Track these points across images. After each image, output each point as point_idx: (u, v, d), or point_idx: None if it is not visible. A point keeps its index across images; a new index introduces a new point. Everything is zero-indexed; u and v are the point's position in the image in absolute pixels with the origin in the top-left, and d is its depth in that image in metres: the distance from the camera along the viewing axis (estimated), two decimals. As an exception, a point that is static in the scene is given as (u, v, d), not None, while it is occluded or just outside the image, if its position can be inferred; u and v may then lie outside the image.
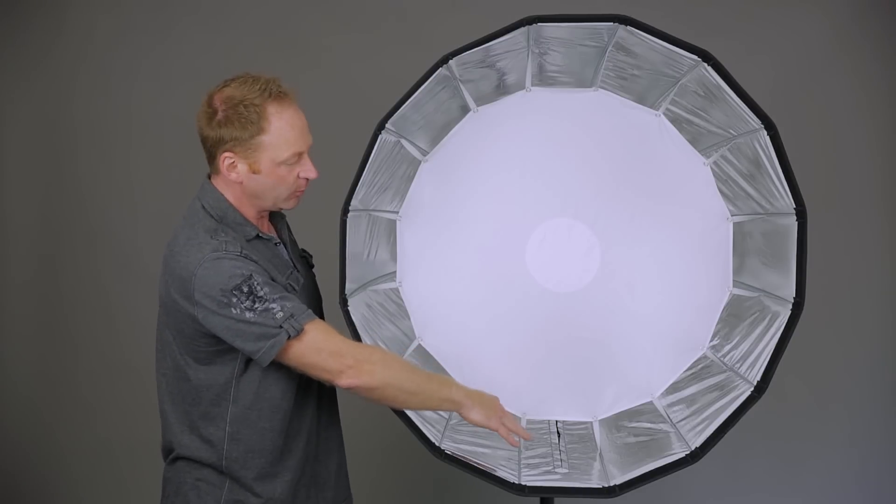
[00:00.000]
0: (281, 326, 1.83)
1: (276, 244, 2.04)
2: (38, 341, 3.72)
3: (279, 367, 1.92)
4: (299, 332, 1.84)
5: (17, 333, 3.73)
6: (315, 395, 2.05)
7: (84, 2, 3.66)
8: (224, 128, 1.89)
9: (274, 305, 1.83)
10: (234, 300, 1.82)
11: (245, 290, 1.82)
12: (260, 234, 1.99)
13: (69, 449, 3.72)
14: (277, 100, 1.91)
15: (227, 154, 1.91)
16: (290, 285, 1.99)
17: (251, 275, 1.83)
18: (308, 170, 1.98)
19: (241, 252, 1.87)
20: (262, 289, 1.83)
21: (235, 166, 1.92)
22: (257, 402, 1.95)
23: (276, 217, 2.13)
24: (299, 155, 1.95)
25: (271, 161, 1.91)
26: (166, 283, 1.92)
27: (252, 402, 1.95)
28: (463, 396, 2.00)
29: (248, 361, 1.92)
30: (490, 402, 2.04)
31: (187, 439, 1.97)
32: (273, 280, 1.92)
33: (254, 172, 1.92)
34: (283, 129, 1.91)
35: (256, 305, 1.82)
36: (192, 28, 3.62)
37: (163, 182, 3.60)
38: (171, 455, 2.02)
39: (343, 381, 1.88)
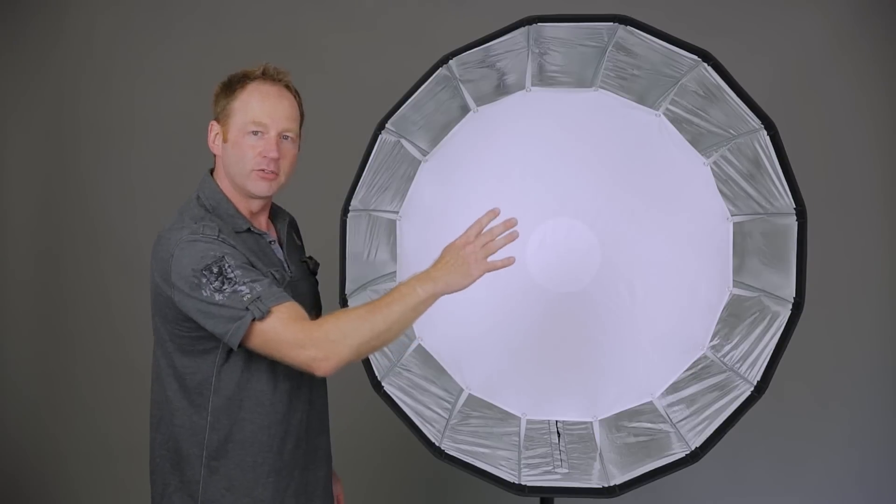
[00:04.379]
0: (247, 308, 1.80)
1: (270, 242, 2.04)
2: (37, 340, 3.73)
3: (261, 358, 1.91)
4: (265, 315, 1.80)
5: (17, 333, 3.73)
6: (306, 399, 2.04)
7: (84, 2, 3.67)
8: (216, 100, 1.98)
9: (243, 287, 1.81)
10: (204, 280, 1.81)
11: (215, 270, 1.82)
12: (251, 229, 1.99)
13: (68, 448, 3.72)
14: (265, 79, 1.96)
15: (211, 123, 1.98)
16: (272, 273, 1.96)
17: (223, 256, 1.83)
18: (269, 148, 1.94)
19: (217, 236, 1.87)
20: (232, 271, 1.82)
21: (217, 137, 1.98)
22: (239, 394, 1.94)
23: (277, 218, 2.13)
24: (261, 126, 1.94)
25: (237, 129, 1.94)
26: (151, 268, 1.94)
27: (234, 392, 1.94)
28: (431, 288, 1.85)
29: (230, 351, 1.91)
30: (452, 259, 1.87)
31: (176, 430, 1.98)
32: (249, 263, 1.88)
33: (224, 141, 1.96)
34: (251, 97, 1.95)
35: (225, 287, 1.81)
36: (192, 28, 3.62)
37: (163, 181, 3.60)
38: (158, 451, 2.02)
39: (319, 372, 1.82)
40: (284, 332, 1.81)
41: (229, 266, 1.82)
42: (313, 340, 1.80)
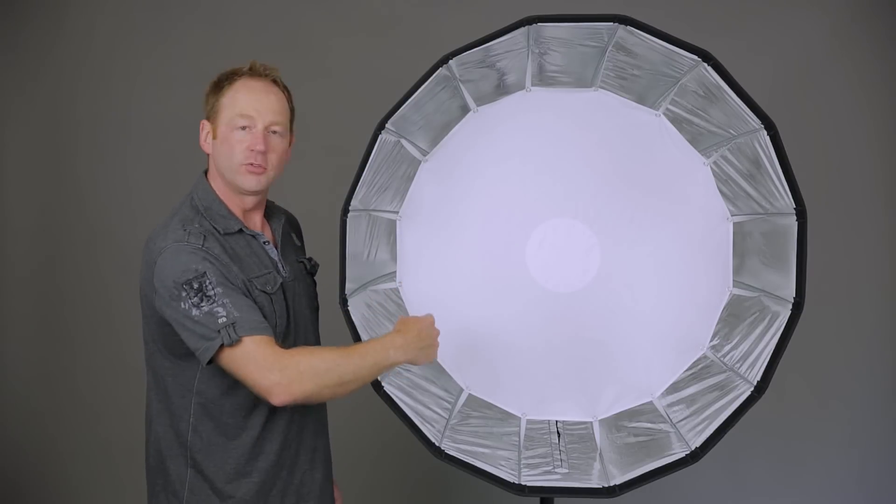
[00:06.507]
0: (219, 332, 1.80)
1: (263, 242, 2.04)
2: (37, 342, 3.73)
3: None
4: (234, 343, 1.80)
5: (17, 334, 3.73)
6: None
7: (84, 2, 3.67)
8: (206, 99, 2.00)
9: (219, 309, 1.81)
10: (184, 294, 1.82)
11: (196, 286, 1.82)
12: (243, 230, 1.99)
13: (68, 449, 3.72)
14: (252, 75, 1.98)
15: (202, 122, 2.00)
16: (248, 284, 1.93)
17: (205, 272, 1.83)
18: (256, 141, 1.95)
19: (202, 245, 1.87)
20: (213, 289, 1.82)
21: (207, 135, 2.00)
22: (220, 398, 1.95)
23: (273, 217, 2.12)
24: (248, 120, 1.95)
25: (225, 124, 1.96)
26: (140, 270, 1.95)
27: (215, 396, 1.95)
28: (401, 358, 1.96)
29: None
30: (422, 338, 2.00)
31: (162, 430, 1.99)
32: (229, 282, 1.87)
33: (214, 138, 1.98)
34: (238, 93, 1.96)
35: (203, 305, 1.81)
36: (192, 28, 3.62)
37: (162, 182, 3.61)
38: (149, 450, 2.03)
39: (275, 400, 1.81)
40: (255, 352, 1.81)
41: (209, 283, 1.82)
42: (282, 366, 1.80)
